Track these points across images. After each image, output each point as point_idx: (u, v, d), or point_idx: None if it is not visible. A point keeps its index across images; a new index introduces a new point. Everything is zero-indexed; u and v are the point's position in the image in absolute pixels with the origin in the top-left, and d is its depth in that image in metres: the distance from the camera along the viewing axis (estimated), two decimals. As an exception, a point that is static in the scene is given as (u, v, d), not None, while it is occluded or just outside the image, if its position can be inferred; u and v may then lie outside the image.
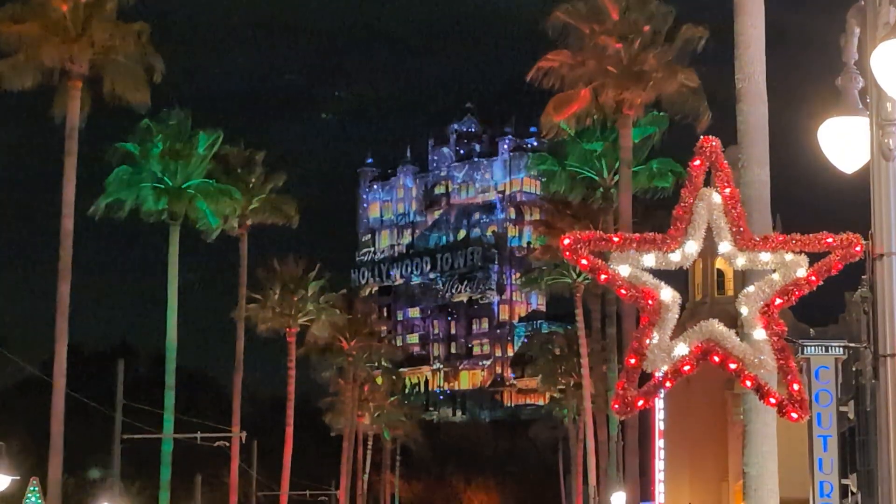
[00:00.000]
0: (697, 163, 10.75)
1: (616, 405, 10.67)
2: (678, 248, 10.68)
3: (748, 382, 10.54)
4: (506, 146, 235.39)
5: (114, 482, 51.30)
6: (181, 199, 58.22)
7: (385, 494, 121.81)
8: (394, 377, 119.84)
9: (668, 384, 10.66)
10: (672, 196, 52.03)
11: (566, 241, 10.72)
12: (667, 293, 10.63)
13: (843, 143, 11.33)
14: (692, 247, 10.69)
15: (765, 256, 10.61)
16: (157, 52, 50.54)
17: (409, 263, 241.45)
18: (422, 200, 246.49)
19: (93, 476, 51.52)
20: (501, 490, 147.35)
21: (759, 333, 10.53)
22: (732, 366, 10.53)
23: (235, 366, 66.07)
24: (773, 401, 10.54)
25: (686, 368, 10.55)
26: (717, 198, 10.70)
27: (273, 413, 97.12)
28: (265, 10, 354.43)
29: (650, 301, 10.63)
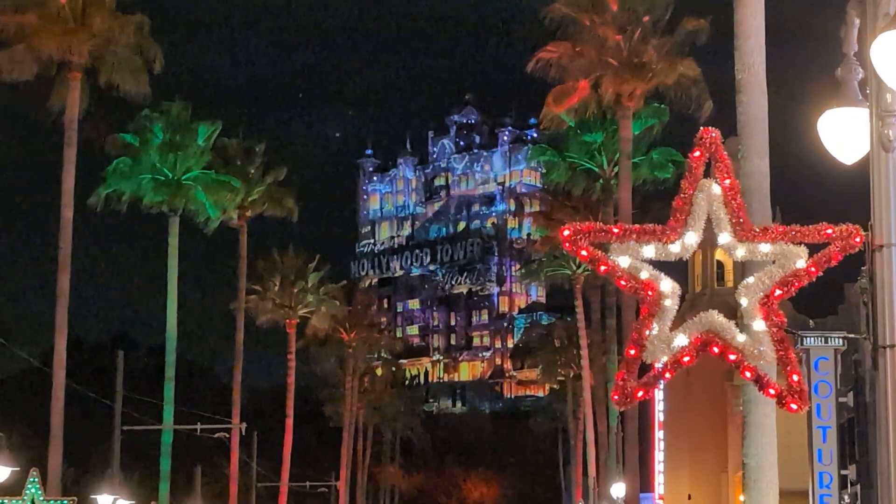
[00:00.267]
0: (697, 154, 10.75)
1: (616, 396, 10.67)
2: (678, 240, 10.68)
3: (748, 373, 10.54)
4: (506, 137, 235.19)
5: (113, 473, 51.30)
6: (180, 191, 58.17)
7: (385, 485, 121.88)
8: (393, 369, 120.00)
9: (668, 375, 10.66)
10: (672, 187, 52.00)
11: (566, 233, 10.71)
12: (666, 284, 10.63)
13: (843, 135, 11.32)
14: (692, 238, 10.69)
15: (764, 247, 10.61)
16: (157, 44, 50.55)
17: (409, 255, 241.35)
18: (422, 192, 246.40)
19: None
20: (501, 481, 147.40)
21: (759, 324, 10.53)
22: (732, 357, 10.53)
23: (235, 357, 66.06)
24: (773, 392, 10.54)
25: (686, 359, 10.55)
26: (717, 189, 10.69)
27: (273, 405, 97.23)
28: (266, 1, 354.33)
29: (650, 292, 10.63)
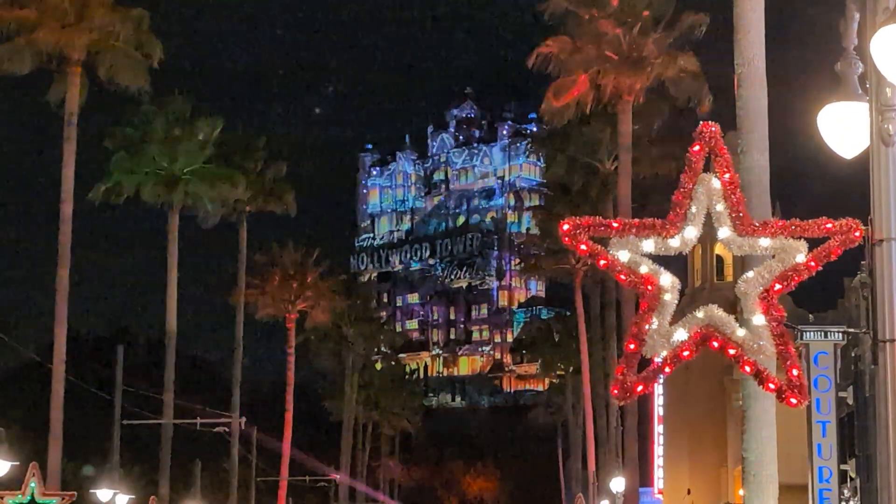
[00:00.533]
0: (697, 148, 10.73)
1: (615, 391, 10.65)
2: (677, 234, 10.66)
3: (747, 368, 10.53)
4: (505, 132, 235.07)
5: (113, 468, 51.32)
6: (180, 185, 58.16)
7: (384, 480, 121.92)
8: (393, 363, 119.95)
9: (668, 370, 10.64)
10: (672, 181, 52.01)
11: (565, 227, 10.69)
12: (666, 279, 10.62)
13: (843, 129, 11.31)
14: (691, 232, 10.68)
15: (764, 242, 10.59)
16: (156, 38, 50.52)
17: (409, 249, 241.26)
18: (421, 186, 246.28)
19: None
20: (501, 476, 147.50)
21: (759, 319, 10.52)
22: (732, 351, 10.51)
23: (235, 352, 66.11)
24: (773, 386, 10.53)
25: (685, 354, 10.54)
26: (717, 183, 10.67)
27: (273, 399, 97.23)
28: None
29: (649, 286, 10.62)
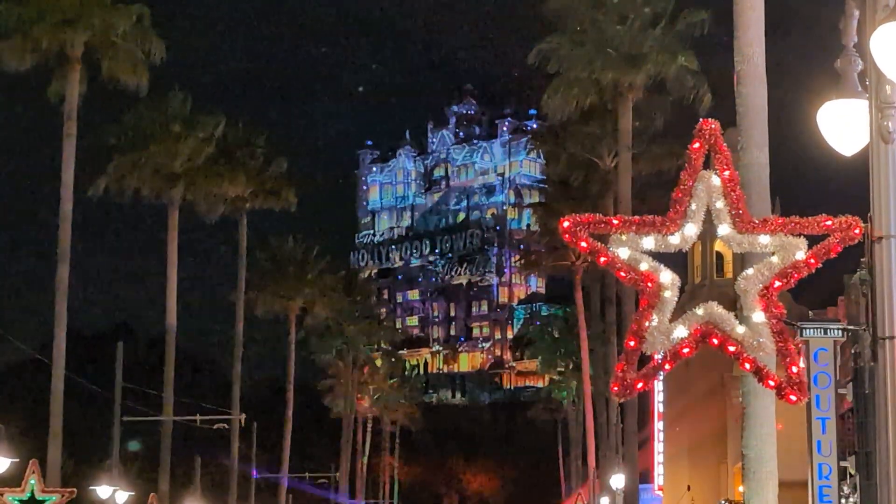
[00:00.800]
0: (696, 145, 10.74)
1: (615, 387, 10.66)
2: (677, 231, 10.67)
3: (747, 365, 10.54)
4: (505, 128, 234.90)
5: (113, 464, 51.35)
6: (180, 182, 58.13)
7: (384, 477, 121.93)
8: (393, 359, 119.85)
9: (668, 367, 10.66)
10: (672, 178, 51.98)
11: (565, 224, 10.71)
12: (666, 276, 10.63)
13: (843, 126, 11.33)
14: (691, 229, 10.68)
15: (764, 239, 10.60)
16: (158, 35, 50.48)
17: (409, 246, 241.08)
18: (421, 183, 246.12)
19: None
20: (501, 472, 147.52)
21: (758, 316, 10.53)
22: (731, 348, 10.52)
23: (235, 348, 66.10)
24: (772, 383, 10.54)
25: (685, 351, 10.54)
26: (717, 180, 10.68)
27: (273, 395, 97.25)
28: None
29: (649, 283, 10.62)
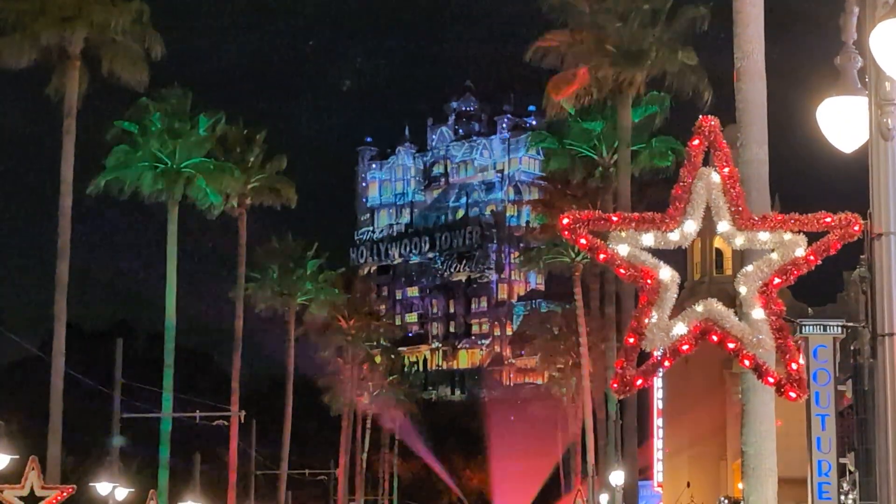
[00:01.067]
0: (696, 142, 10.75)
1: (614, 384, 10.68)
2: (677, 228, 10.68)
3: (746, 362, 10.55)
4: (504, 125, 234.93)
5: (113, 461, 51.33)
6: (180, 179, 58.11)
7: (384, 473, 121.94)
8: (392, 356, 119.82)
9: (667, 363, 10.67)
10: (672, 175, 52.00)
11: (565, 221, 10.72)
12: (665, 272, 10.64)
13: (842, 123, 11.34)
14: (691, 226, 10.70)
15: (763, 236, 10.61)
16: (157, 32, 50.45)
17: (408, 242, 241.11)
18: (420, 179, 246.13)
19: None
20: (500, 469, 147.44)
21: (758, 313, 10.54)
22: (731, 345, 10.54)
23: (234, 345, 66.05)
24: (772, 380, 10.55)
25: (685, 348, 10.56)
26: (716, 177, 10.69)
27: (272, 392, 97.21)
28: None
29: (649, 280, 10.63)
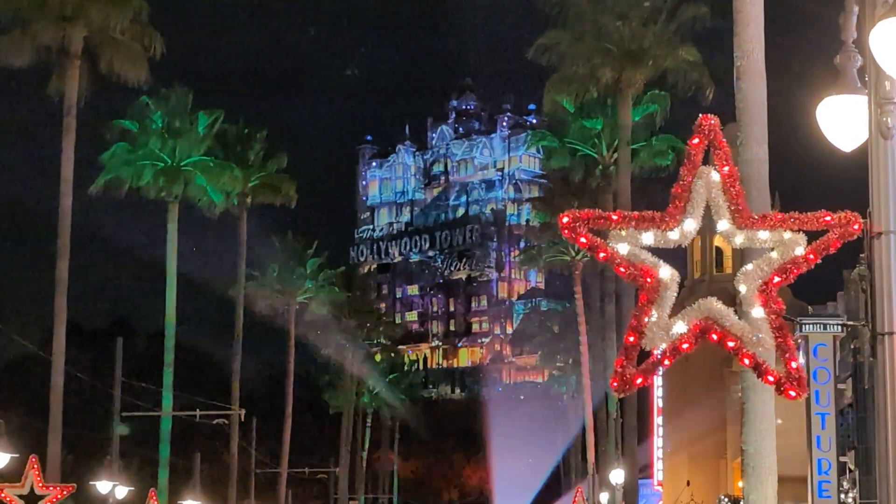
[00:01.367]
0: (696, 141, 10.75)
1: (614, 383, 10.68)
2: (677, 227, 10.68)
3: (746, 360, 10.55)
4: (505, 123, 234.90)
5: (112, 460, 51.38)
6: (180, 177, 58.12)
7: (384, 472, 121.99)
8: (392, 355, 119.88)
9: (667, 362, 10.67)
10: (672, 174, 51.99)
11: (565, 220, 10.72)
12: (665, 271, 10.64)
13: (842, 122, 11.34)
14: (691, 225, 10.70)
15: (763, 235, 10.62)
16: (157, 30, 50.43)
17: (408, 241, 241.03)
18: (420, 178, 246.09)
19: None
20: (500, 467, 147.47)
21: (758, 311, 10.54)
22: (731, 344, 10.54)
23: (234, 343, 66.07)
24: (772, 378, 10.56)
25: (684, 346, 10.56)
26: (716, 176, 10.69)
27: (272, 391, 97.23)
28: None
29: (649, 279, 10.63)
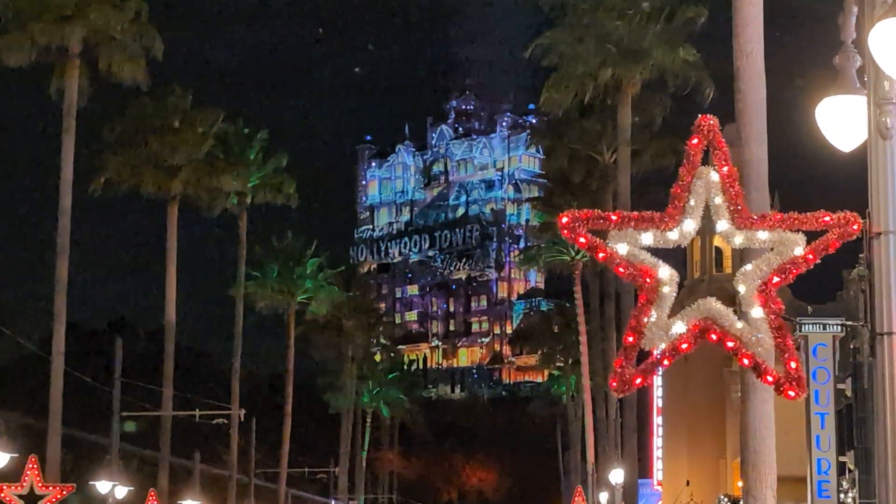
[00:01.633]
0: (695, 141, 10.76)
1: (614, 383, 10.68)
2: (676, 227, 10.68)
3: (746, 360, 10.55)
4: (504, 123, 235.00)
5: (112, 459, 51.36)
6: (179, 177, 58.13)
7: (384, 472, 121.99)
8: (392, 355, 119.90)
9: (666, 362, 10.68)
10: (671, 174, 51.94)
11: (564, 220, 10.72)
12: (665, 271, 10.65)
13: (841, 122, 11.35)
14: (690, 225, 10.70)
15: (762, 235, 10.62)
16: (156, 30, 50.43)
17: (408, 241, 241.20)
18: (420, 178, 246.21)
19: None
20: (500, 467, 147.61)
21: (757, 311, 10.54)
22: (730, 344, 10.54)
23: (234, 343, 66.07)
24: (771, 379, 10.56)
25: (684, 346, 10.56)
26: (715, 176, 10.70)
27: (272, 391, 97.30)
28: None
29: (648, 279, 10.64)
